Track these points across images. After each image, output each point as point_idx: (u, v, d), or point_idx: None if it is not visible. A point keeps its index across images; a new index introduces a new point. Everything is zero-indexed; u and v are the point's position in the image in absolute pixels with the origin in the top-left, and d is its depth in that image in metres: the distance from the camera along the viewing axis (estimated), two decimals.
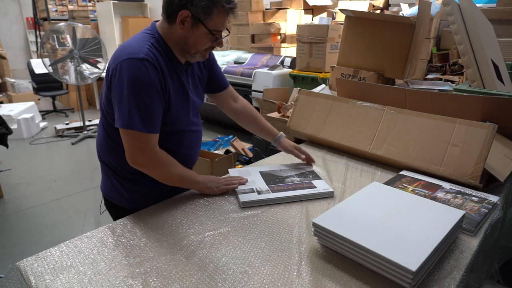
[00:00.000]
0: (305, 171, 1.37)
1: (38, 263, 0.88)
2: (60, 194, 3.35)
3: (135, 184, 1.24)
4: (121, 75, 1.04)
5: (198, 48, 1.14)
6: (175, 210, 1.14)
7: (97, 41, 4.68)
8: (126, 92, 1.04)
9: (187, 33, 1.10)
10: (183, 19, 1.07)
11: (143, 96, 1.05)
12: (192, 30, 1.09)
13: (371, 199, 1.04)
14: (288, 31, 4.07)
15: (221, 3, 1.06)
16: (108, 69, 1.10)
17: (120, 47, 1.12)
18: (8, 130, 3.21)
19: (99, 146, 1.28)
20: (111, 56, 1.12)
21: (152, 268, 0.87)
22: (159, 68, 1.08)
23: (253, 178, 1.29)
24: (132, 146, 1.09)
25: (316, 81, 2.98)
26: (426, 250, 0.80)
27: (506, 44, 2.30)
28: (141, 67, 1.03)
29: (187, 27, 1.09)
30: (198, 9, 1.05)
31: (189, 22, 1.08)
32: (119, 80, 1.05)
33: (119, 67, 1.04)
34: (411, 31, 2.01)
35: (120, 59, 1.05)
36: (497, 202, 1.13)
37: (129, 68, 1.03)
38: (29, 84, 6.40)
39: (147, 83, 1.05)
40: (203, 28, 1.08)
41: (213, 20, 1.08)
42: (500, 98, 1.36)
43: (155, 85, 1.07)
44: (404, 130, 1.41)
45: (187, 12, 1.06)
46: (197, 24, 1.08)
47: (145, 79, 1.04)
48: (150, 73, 1.05)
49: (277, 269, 0.87)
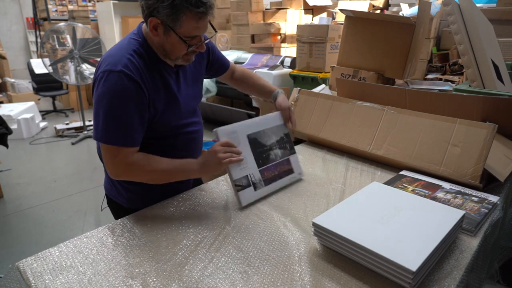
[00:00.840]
0: (282, 135, 1.35)
1: (37, 263, 0.88)
2: (60, 194, 3.35)
3: (133, 185, 1.23)
4: (98, 86, 1.03)
5: (177, 54, 1.09)
6: (174, 210, 1.14)
7: (97, 41, 4.68)
8: (102, 105, 1.02)
9: (162, 39, 1.06)
10: (155, 25, 1.04)
11: (118, 109, 1.02)
12: (165, 37, 1.05)
13: (371, 199, 1.04)
14: (288, 31, 4.06)
15: (188, 8, 0.99)
16: (95, 73, 1.09)
17: (107, 52, 1.10)
18: (8, 130, 3.21)
19: (98, 146, 1.27)
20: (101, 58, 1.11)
21: (152, 268, 0.87)
22: (139, 78, 1.05)
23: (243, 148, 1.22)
24: (106, 159, 1.08)
25: (316, 81, 2.97)
26: (426, 250, 0.80)
27: (506, 44, 2.30)
28: (117, 80, 1.01)
29: (160, 33, 1.05)
30: (163, 16, 1.00)
31: (161, 28, 1.04)
32: (96, 92, 1.04)
33: (99, 77, 1.03)
34: (411, 31, 2.01)
35: (102, 69, 1.04)
36: (497, 202, 1.13)
37: (106, 81, 1.02)
38: (29, 84, 6.40)
39: (122, 96, 1.02)
40: (174, 35, 1.04)
41: (184, 26, 1.02)
42: (500, 98, 1.36)
43: (132, 97, 1.04)
44: (404, 130, 1.41)
45: (155, 19, 1.02)
46: (168, 31, 1.04)
47: (120, 92, 1.02)
48: (126, 86, 1.02)
49: (277, 269, 0.86)
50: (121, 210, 1.28)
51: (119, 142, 1.04)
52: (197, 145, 1.34)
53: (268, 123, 1.32)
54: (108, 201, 1.35)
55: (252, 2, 4.10)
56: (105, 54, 1.10)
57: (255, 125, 1.28)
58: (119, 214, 1.30)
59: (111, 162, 1.08)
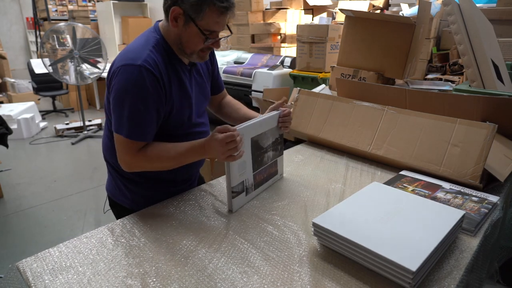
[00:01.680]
0: (277, 136, 1.31)
1: (37, 264, 0.88)
2: (60, 194, 3.35)
3: (137, 186, 1.25)
4: (118, 80, 1.04)
5: (192, 48, 1.10)
6: (174, 210, 1.14)
7: (97, 41, 4.68)
8: (122, 98, 1.04)
9: (180, 31, 1.07)
10: (176, 16, 1.05)
11: (137, 103, 1.04)
12: (184, 28, 1.06)
13: (371, 199, 1.04)
14: (288, 31, 4.06)
15: (213, 2, 1.01)
16: (110, 70, 1.10)
17: (124, 50, 1.11)
18: (8, 130, 3.21)
19: (104, 146, 1.28)
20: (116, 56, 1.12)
21: (151, 269, 0.87)
22: (158, 74, 1.06)
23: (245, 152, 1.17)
24: (119, 151, 1.09)
25: (316, 81, 2.97)
26: (426, 250, 0.80)
27: (506, 44, 2.30)
28: (137, 74, 1.02)
29: (180, 24, 1.06)
30: (187, 6, 1.02)
31: (182, 19, 1.05)
32: (116, 85, 1.04)
33: (118, 71, 1.04)
34: (411, 31, 2.01)
35: (120, 63, 1.05)
36: (497, 202, 1.13)
37: (126, 74, 1.03)
38: (29, 84, 6.40)
39: (142, 90, 1.03)
40: (194, 27, 1.05)
41: (205, 19, 1.03)
42: (500, 98, 1.36)
43: (151, 92, 1.05)
44: (404, 130, 1.40)
45: (178, 9, 1.03)
46: (188, 22, 1.05)
47: (140, 86, 1.03)
48: (146, 81, 1.03)
49: (277, 269, 0.86)
50: (125, 212, 1.26)
51: (135, 136, 1.06)
52: None
53: (269, 124, 1.27)
54: (111, 203, 1.34)
55: (252, 2, 4.10)
56: (124, 50, 1.11)
57: (259, 127, 1.23)
58: (121, 216, 1.29)
59: (124, 155, 1.09)
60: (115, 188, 1.29)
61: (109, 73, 1.10)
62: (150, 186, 1.24)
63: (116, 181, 1.28)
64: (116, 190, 1.29)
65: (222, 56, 4.13)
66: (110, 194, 1.33)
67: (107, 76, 1.12)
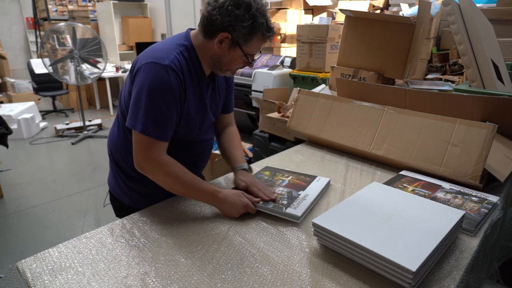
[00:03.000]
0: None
1: (36, 264, 0.88)
2: (60, 194, 3.35)
3: (137, 183, 1.26)
4: (143, 76, 1.05)
5: (231, 67, 1.16)
6: (173, 210, 1.14)
7: (97, 41, 4.68)
8: (144, 94, 1.04)
9: (223, 52, 1.11)
10: (222, 40, 1.08)
11: (159, 101, 1.05)
12: (228, 51, 1.10)
13: (371, 199, 1.04)
14: (288, 31, 4.06)
15: (262, 32, 1.08)
16: (134, 66, 1.11)
17: (151, 48, 1.13)
18: (8, 130, 3.21)
19: (111, 141, 1.29)
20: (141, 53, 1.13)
21: (151, 269, 0.87)
22: (182, 77, 1.08)
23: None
24: (137, 149, 1.09)
25: (316, 81, 2.97)
26: (426, 250, 0.80)
27: (506, 44, 2.30)
28: (163, 73, 1.04)
29: (224, 47, 1.09)
30: (239, 34, 1.06)
31: (227, 43, 1.09)
32: (140, 81, 1.05)
33: (143, 68, 1.06)
34: (411, 31, 2.01)
35: (146, 60, 1.06)
36: (497, 202, 1.13)
37: (152, 72, 1.04)
38: (29, 84, 6.40)
39: (166, 90, 1.05)
40: (239, 51, 1.10)
41: (251, 46, 1.10)
42: (500, 98, 1.36)
43: (174, 93, 1.07)
44: (404, 130, 1.40)
45: (228, 35, 1.06)
46: (234, 47, 1.09)
47: (165, 85, 1.05)
48: (171, 80, 1.05)
49: (277, 269, 0.86)
50: (123, 209, 1.29)
51: (156, 135, 1.06)
52: (208, 154, 1.37)
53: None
54: (111, 198, 1.36)
55: None
56: (151, 48, 1.12)
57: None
58: (121, 212, 1.31)
59: (142, 154, 1.08)
60: (115, 183, 1.31)
61: (132, 69, 1.11)
62: (149, 185, 1.23)
63: (117, 177, 1.30)
64: (116, 185, 1.31)
65: None
66: (111, 190, 1.35)
67: (130, 72, 1.13)
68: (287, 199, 1.14)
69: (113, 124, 1.30)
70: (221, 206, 1.11)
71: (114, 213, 1.38)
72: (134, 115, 1.06)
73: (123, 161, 1.26)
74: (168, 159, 1.10)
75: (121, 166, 1.27)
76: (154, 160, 1.08)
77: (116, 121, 1.27)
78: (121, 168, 1.27)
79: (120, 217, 1.26)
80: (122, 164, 1.26)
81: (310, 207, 1.13)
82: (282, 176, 1.32)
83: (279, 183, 1.26)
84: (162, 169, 1.09)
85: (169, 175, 1.09)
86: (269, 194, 1.15)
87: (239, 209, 1.09)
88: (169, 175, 1.09)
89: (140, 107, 1.05)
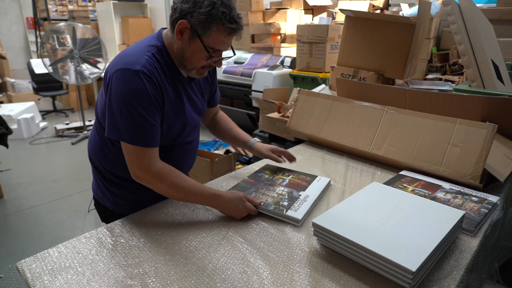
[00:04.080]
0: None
1: (36, 264, 0.88)
2: (60, 194, 3.35)
3: (118, 188, 1.23)
4: (116, 85, 1.02)
5: (194, 63, 1.09)
6: (173, 210, 1.14)
7: (97, 41, 4.68)
8: (122, 105, 1.01)
9: (184, 45, 1.06)
10: (182, 29, 1.03)
11: (138, 109, 1.01)
12: (188, 43, 1.05)
13: (371, 199, 1.04)
14: (288, 31, 4.06)
15: (222, 21, 1.01)
16: (106, 75, 1.07)
17: (121, 53, 1.09)
18: (8, 130, 3.21)
19: (90, 147, 1.27)
20: (111, 60, 1.10)
21: (151, 269, 0.87)
22: (155, 80, 1.04)
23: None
24: (129, 160, 1.06)
25: (316, 81, 2.97)
26: (426, 250, 0.80)
27: (506, 44, 2.30)
28: (136, 79, 1.00)
29: (185, 38, 1.05)
30: (196, 21, 1.01)
31: (187, 33, 1.04)
32: (114, 91, 1.02)
33: (115, 76, 1.02)
34: (411, 31, 2.01)
35: (116, 67, 1.02)
36: (497, 202, 1.13)
37: (124, 79, 1.01)
38: (29, 84, 6.40)
39: (142, 96, 1.01)
40: (199, 43, 1.04)
41: (212, 37, 1.03)
42: (500, 98, 1.36)
43: (151, 98, 1.03)
44: (404, 130, 1.40)
45: (186, 23, 1.02)
46: (194, 38, 1.04)
47: (139, 91, 1.01)
48: (145, 85, 1.01)
49: (277, 269, 0.86)
50: (107, 213, 1.27)
51: (144, 143, 1.03)
52: (190, 158, 1.32)
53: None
54: (96, 203, 1.33)
55: (252, 2, 4.10)
56: (121, 53, 1.09)
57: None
58: (105, 217, 1.30)
59: (135, 164, 1.05)
60: (98, 188, 1.28)
61: (105, 78, 1.07)
62: (129, 190, 1.22)
63: (98, 182, 1.27)
64: (99, 190, 1.28)
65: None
66: (95, 195, 1.32)
67: (103, 80, 1.09)
68: (288, 200, 1.14)
69: (92, 130, 1.27)
70: (222, 210, 1.10)
71: (100, 219, 1.34)
72: (115, 126, 1.03)
73: (101, 166, 1.22)
74: (162, 166, 1.06)
75: (101, 171, 1.24)
76: (147, 169, 1.04)
77: (94, 127, 1.23)
78: (101, 173, 1.24)
79: (106, 222, 1.24)
80: (101, 169, 1.23)
81: (310, 209, 1.13)
82: (282, 175, 1.32)
83: (279, 182, 1.26)
84: (157, 178, 1.05)
85: (165, 184, 1.06)
86: (290, 157, 1.38)
87: (242, 213, 1.09)
88: (165, 184, 1.06)
89: (121, 118, 1.01)
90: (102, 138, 1.18)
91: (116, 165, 1.19)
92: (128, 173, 1.09)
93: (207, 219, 1.09)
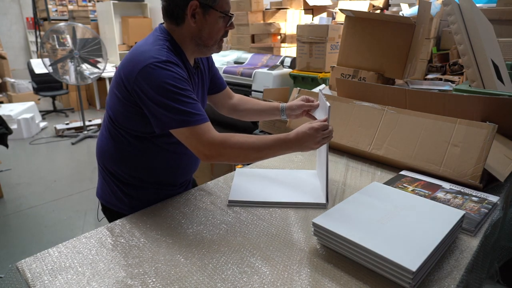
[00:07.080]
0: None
1: (36, 264, 0.88)
2: (60, 194, 3.35)
3: (136, 189, 1.22)
4: (149, 81, 1.01)
5: (214, 36, 1.13)
6: (173, 210, 1.14)
7: (97, 41, 4.68)
8: (161, 96, 1.01)
9: (201, 24, 1.10)
10: (193, 12, 1.07)
11: (177, 92, 1.01)
12: (204, 20, 1.09)
13: (371, 199, 1.04)
14: (288, 31, 4.06)
15: None
16: (125, 76, 1.06)
17: (136, 52, 1.07)
18: (8, 130, 3.21)
19: (100, 150, 1.23)
20: (124, 60, 1.09)
21: (151, 269, 0.87)
22: (181, 66, 1.08)
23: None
24: (191, 144, 1.05)
25: (316, 81, 2.97)
26: (426, 250, 0.80)
27: (506, 44, 2.30)
28: (165, 68, 1.02)
29: (199, 18, 1.09)
30: None
31: (199, 12, 1.08)
32: (148, 87, 1.01)
33: (142, 74, 1.01)
34: (411, 31, 2.01)
35: (142, 64, 1.02)
36: (497, 202, 1.13)
37: (153, 72, 1.01)
38: (29, 84, 6.40)
39: (176, 79, 1.02)
40: (214, 13, 1.09)
41: (221, 1, 1.09)
42: (500, 98, 1.36)
43: (184, 79, 1.05)
44: (404, 130, 1.40)
45: (195, 3, 1.06)
46: (207, 11, 1.09)
47: (173, 77, 1.02)
48: (176, 70, 1.04)
49: (277, 269, 0.86)
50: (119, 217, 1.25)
51: (197, 120, 1.03)
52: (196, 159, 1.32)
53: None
54: (104, 209, 1.30)
55: (252, 2, 4.10)
56: (137, 51, 1.07)
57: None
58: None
59: (200, 144, 1.04)
60: (110, 194, 1.25)
61: (123, 77, 1.06)
62: (149, 191, 1.22)
63: (112, 187, 1.23)
64: (111, 196, 1.24)
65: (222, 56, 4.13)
66: (104, 202, 1.28)
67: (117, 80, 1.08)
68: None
69: (100, 133, 1.24)
70: (299, 146, 1.09)
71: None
72: (163, 121, 1.03)
73: (119, 170, 1.20)
74: (223, 135, 1.06)
75: (117, 175, 1.21)
76: (212, 142, 1.04)
77: (105, 130, 1.21)
78: (115, 176, 1.22)
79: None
80: (119, 173, 1.21)
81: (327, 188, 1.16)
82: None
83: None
84: (226, 145, 1.04)
85: (235, 147, 1.05)
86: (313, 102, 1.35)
87: (320, 141, 1.10)
88: (235, 147, 1.05)
89: (165, 109, 1.01)
90: (117, 140, 1.17)
91: (135, 166, 1.19)
92: (149, 172, 1.17)
93: (207, 219, 1.09)
